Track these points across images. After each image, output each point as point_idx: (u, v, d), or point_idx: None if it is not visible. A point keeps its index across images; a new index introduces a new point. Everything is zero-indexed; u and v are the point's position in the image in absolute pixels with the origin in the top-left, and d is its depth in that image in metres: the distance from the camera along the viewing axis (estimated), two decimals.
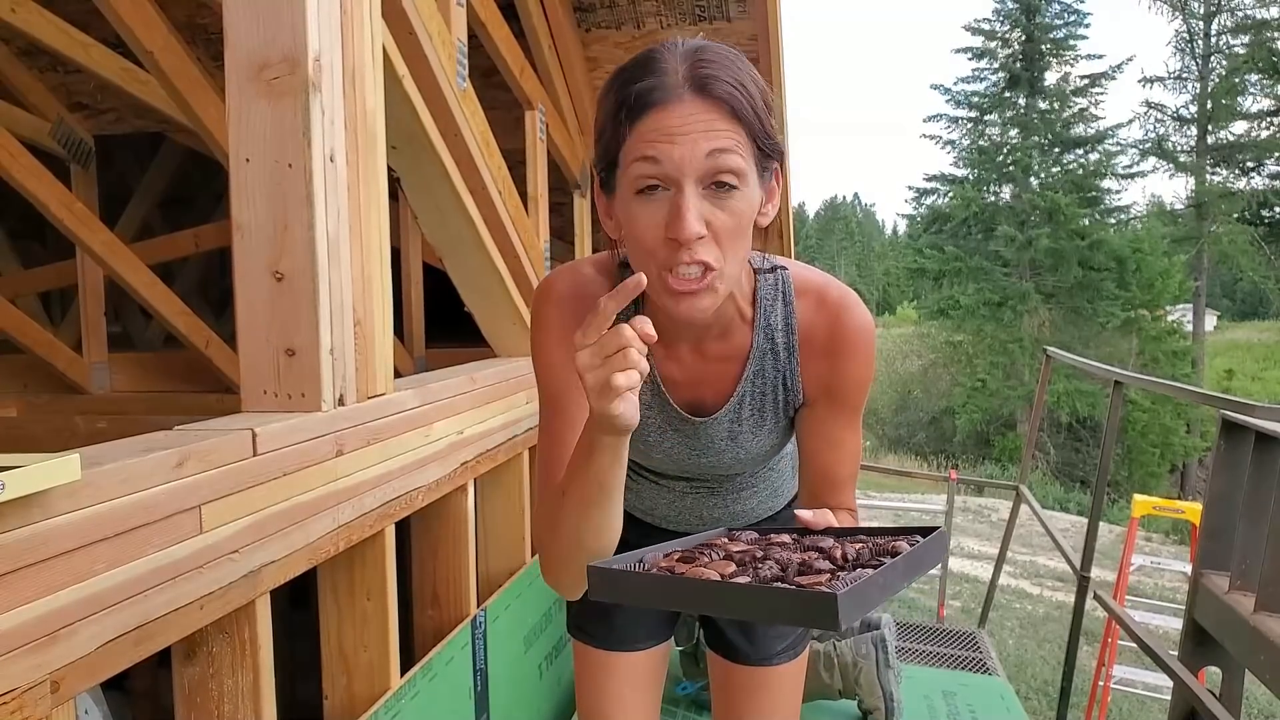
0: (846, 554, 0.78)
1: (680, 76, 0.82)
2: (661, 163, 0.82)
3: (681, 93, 0.82)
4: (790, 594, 0.67)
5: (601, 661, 1.32)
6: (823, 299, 1.02)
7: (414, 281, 4.24)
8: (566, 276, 1.04)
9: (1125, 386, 2.96)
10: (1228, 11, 21.36)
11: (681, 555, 0.83)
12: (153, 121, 3.97)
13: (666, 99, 0.82)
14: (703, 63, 0.83)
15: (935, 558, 0.81)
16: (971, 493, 13.40)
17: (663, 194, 0.83)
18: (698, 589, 0.72)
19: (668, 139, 0.81)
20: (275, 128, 1.36)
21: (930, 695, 2.88)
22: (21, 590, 0.88)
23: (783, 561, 0.76)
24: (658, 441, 1.10)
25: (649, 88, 0.82)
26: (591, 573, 0.77)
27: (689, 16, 3.26)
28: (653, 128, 0.82)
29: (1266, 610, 1.75)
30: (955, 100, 23.61)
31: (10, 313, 3.67)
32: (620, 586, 0.76)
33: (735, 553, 0.82)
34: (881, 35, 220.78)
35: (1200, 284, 21.80)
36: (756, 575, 0.74)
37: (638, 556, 0.84)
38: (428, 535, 2.06)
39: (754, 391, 1.04)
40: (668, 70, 0.83)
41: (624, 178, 0.85)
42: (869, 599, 0.68)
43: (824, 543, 0.82)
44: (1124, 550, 4.39)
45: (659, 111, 0.82)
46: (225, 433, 1.20)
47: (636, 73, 0.84)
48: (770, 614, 0.69)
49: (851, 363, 1.01)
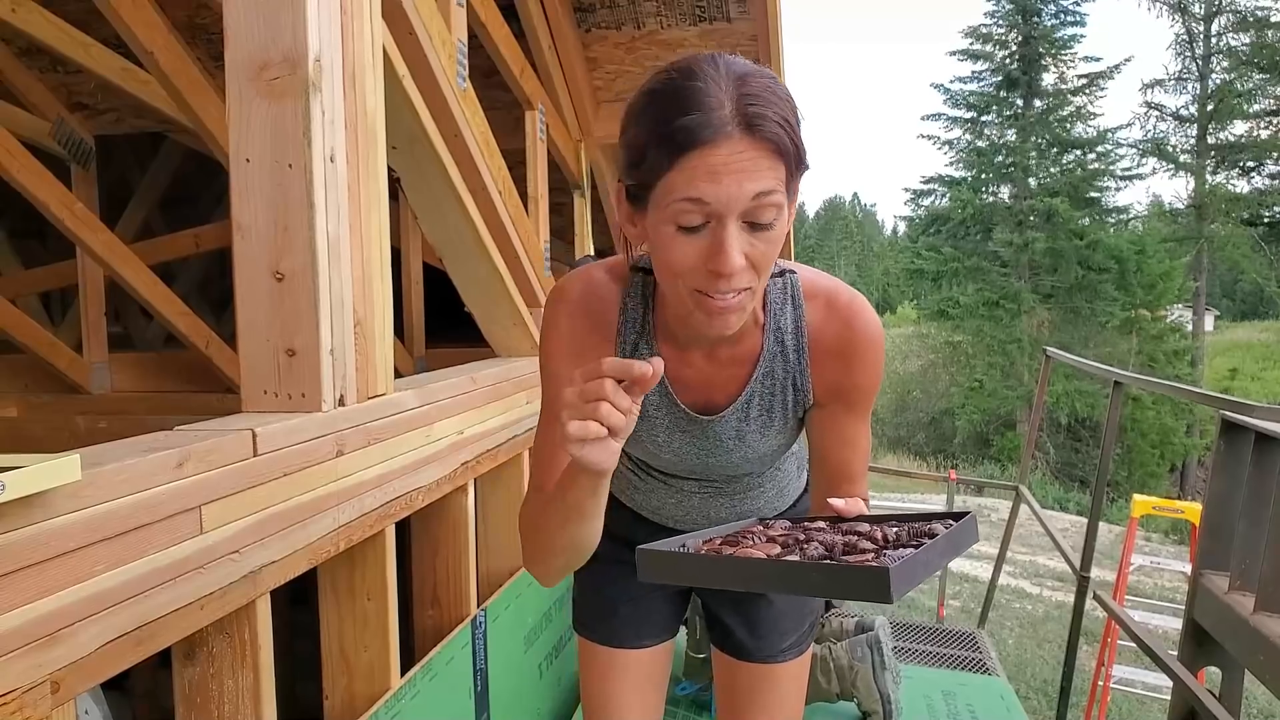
0: (886, 535, 0.80)
1: (727, 113, 0.80)
2: (707, 203, 0.82)
3: (730, 130, 0.80)
4: (845, 569, 0.69)
5: (606, 658, 1.32)
6: (833, 303, 1.03)
7: (414, 281, 4.24)
8: (579, 282, 1.05)
9: (1125, 386, 2.96)
10: (1228, 11, 21.36)
11: (724, 540, 0.85)
12: (153, 121, 3.97)
13: (714, 138, 0.80)
14: (749, 98, 0.81)
15: (970, 540, 0.83)
16: (971, 493, 13.40)
17: (704, 228, 0.84)
18: (753, 567, 0.74)
19: (714, 179, 0.80)
20: (275, 128, 1.36)
21: (930, 695, 2.88)
22: (22, 590, 0.88)
23: (826, 543, 0.79)
24: (666, 442, 1.11)
25: (696, 125, 0.80)
26: (642, 555, 0.79)
27: (689, 17, 3.26)
28: (698, 165, 0.81)
29: (1266, 610, 1.75)
30: (954, 100, 23.61)
31: (10, 313, 3.67)
32: (675, 568, 0.78)
33: (777, 537, 0.84)
34: (882, 35, 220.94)
35: (1200, 284, 21.80)
36: (804, 555, 0.76)
37: (679, 542, 0.85)
38: (428, 535, 2.06)
39: (763, 392, 1.05)
40: (714, 104, 0.81)
41: (663, 207, 0.84)
42: (916, 574, 0.70)
43: (861, 527, 0.84)
44: (1124, 550, 4.39)
45: (706, 150, 0.80)
46: (225, 433, 1.20)
47: (680, 103, 0.82)
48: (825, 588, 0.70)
49: (862, 366, 1.03)
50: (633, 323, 1.04)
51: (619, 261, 1.06)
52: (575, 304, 1.03)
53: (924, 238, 24.25)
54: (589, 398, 0.77)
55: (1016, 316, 21.23)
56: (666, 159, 0.82)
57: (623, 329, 1.04)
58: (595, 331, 1.04)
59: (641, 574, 0.79)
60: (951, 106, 23.66)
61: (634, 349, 1.04)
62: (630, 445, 1.13)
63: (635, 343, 1.04)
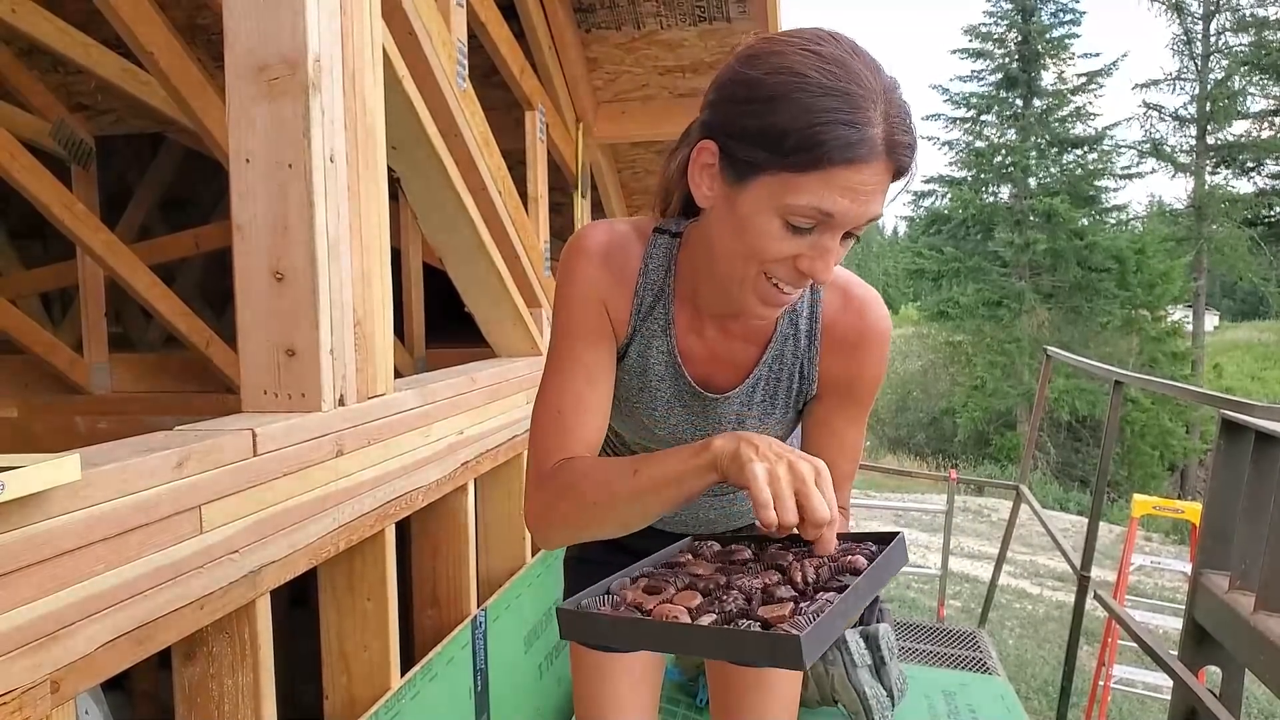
0: (806, 575, 0.79)
1: (879, 134, 0.80)
2: (834, 216, 0.82)
3: (879, 155, 0.80)
4: (756, 637, 0.69)
5: (598, 663, 1.32)
6: (848, 293, 1.03)
7: (414, 281, 4.24)
8: (602, 232, 1.02)
9: (1125, 386, 2.96)
10: (1227, 11, 21.35)
11: (647, 583, 0.84)
12: (153, 121, 3.97)
13: (866, 159, 0.80)
14: (898, 121, 0.81)
15: (896, 565, 0.82)
16: (971, 492, 13.40)
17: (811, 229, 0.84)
18: (665, 631, 0.74)
19: (850, 198, 0.81)
20: (275, 128, 1.36)
21: (930, 695, 2.88)
22: (22, 590, 0.88)
23: (746, 590, 0.78)
24: (664, 416, 1.09)
25: (853, 141, 0.79)
26: (561, 615, 0.79)
27: (689, 17, 3.25)
28: (842, 182, 0.80)
29: (1266, 610, 1.75)
30: (953, 100, 23.61)
31: (10, 313, 3.67)
32: (591, 629, 0.79)
33: (700, 579, 0.84)
34: (880, 34, 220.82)
35: (1200, 284, 21.78)
36: (721, 608, 0.76)
37: (604, 587, 0.85)
38: (428, 535, 2.06)
39: (769, 376, 1.04)
40: (869, 120, 0.79)
41: (778, 197, 0.82)
42: (832, 630, 0.70)
43: (783, 559, 0.83)
44: (1124, 550, 4.38)
45: (854, 169, 0.80)
46: (225, 433, 1.20)
47: (839, 106, 0.79)
48: (737, 655, 0.70)
49: (870, 359, 1.02)
50: (652, 284, 1.02)
51: (642, 221, 1.04)
52: (598, 253, 1.00)
53: (924, 238, 24.24)
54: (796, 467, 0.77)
55: (1017, 316, 21.22)
56: (811, 161, 0.80)
57: (640, 288, 1.01)
58: (615, 283, 1.01)
59: (562, 632, 0.80)
60: (951, 106, 23.67)
61: (649, 311, 1.02)
62: (625, 416, 1.11)
63: (652, 305, 1.02)
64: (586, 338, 0.99)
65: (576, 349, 0.99)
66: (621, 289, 1.01)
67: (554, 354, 1.02)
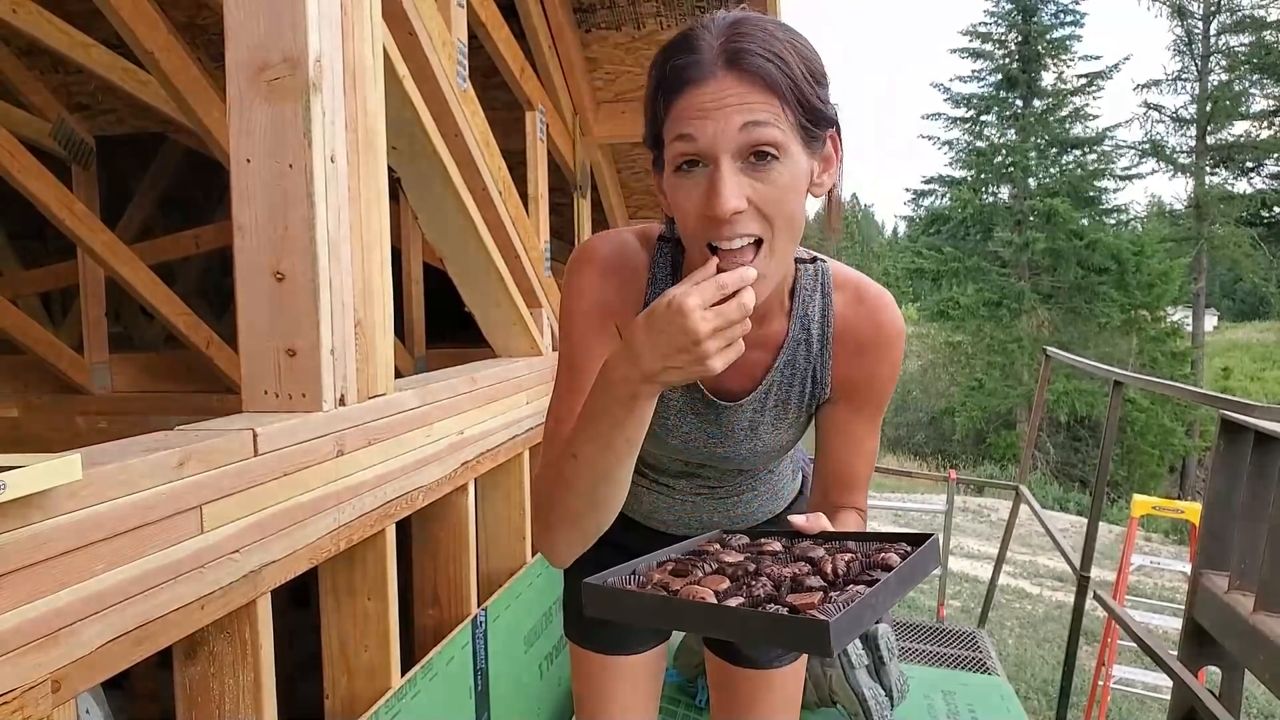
0: (837, 568, 0.78)
1: (714, 52, 0.82)
2: (696, 139, 0.82)
3: (715, 69, 0.81)
4: (783, 620, 0.68)
5: (599, 665, 1.31)
6: (861, 295, 1.02)
7: (414, 281, 4.24)
8: (610, 243, 1.02)
9: (1125, 386, 2.96)
10: (1227, 11, 21.35)
11: (674, 567, 0.83)
12: (153, 121, 3.98)
13: (700, 75, 0.82)
14: (737, 36, 0.82)
15: (928, 568, 0.81)
16: (971, 493, 13.40)
17: (701, 171, 0.83)
18: (693, 611, 0.73)
19: (701, 115, 0.81)
20: (276, 128, 1.36)
21: (930, 695, 2.88)
22: (22, 590, 0.88)
23: (775, 577, 0.77)
24: (676, 425, 1.07)
25: (683, 65, 0.83)
26: (587, 590, 0.78)
27: (689, 16, 3.26)
28: (687, 105, 0.82)
29: (1266, 610, 1.75)
30: (954, 100, 23.61)
31: (11, 313, 3.67)
32: (617, 605, 0.77)
33: (728, 565, 0.82)
34: (880, 34, 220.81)
35: (1200, 285, 21.78)
36: (749, 593, 0.74)
37: (630, 568, 0.83)
38: (428, 535, 2.06)
39: (782, 382, 1.03)
40: (703, 47, 0.83)
41: (666, 156, 0.86)
42: (861, 621, 0.69)
43: (814, 552, 0.82)
44: (1124, 550, 4.39)
45: (693, 89, 0.82)
46: (226, 433, 1.20)
47: (674, 51, 0.85)
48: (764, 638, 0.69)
49: (884, 361, 1.01)
50: (656, 287, 1.01)
51: (648, 229, 1.04)
52: (605, 264, 1.00)
53: (924, 238, 24.24)
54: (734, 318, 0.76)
55: (1016, 316, 21.22)
56: (662, 105, 0.85)
57: (650, 298, 1.00)
58: (623, 294, 1.00)
59: (586, 609, 0.78)
60: (951, 106, 23.67)
61: None
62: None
63: None
64: (590, 353, 0.98)
65: (580, 364, 0.98)
66: (631, 299, 1.00)
67: (560, 370, 1.01)
